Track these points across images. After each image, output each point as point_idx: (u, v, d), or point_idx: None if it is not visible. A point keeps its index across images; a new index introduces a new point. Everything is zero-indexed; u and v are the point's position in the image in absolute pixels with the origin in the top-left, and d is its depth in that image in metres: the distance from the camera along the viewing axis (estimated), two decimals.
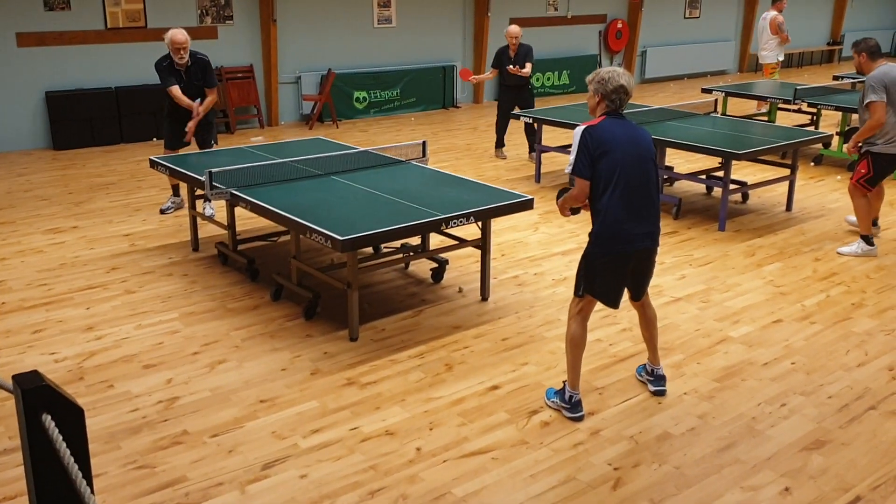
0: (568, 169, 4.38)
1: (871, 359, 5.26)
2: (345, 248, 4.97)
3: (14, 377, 2.33)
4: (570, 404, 4.53)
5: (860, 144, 7.02)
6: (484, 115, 14.34)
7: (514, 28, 10.21)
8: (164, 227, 7.88)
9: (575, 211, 4.57)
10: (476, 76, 11.29)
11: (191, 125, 7.90)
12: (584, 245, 4.45)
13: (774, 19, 13.07)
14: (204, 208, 7.82)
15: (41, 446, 2.24)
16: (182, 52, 7.68)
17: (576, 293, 4.50)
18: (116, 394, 4.77)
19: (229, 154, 7.43)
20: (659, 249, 4.61)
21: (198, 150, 8.04)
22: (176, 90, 7.77)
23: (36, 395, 2.22)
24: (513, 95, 10.39)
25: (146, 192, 9.03)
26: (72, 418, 2.24)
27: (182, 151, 7.91)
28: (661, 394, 4.78)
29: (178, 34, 7.68)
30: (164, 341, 5.46)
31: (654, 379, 4.83)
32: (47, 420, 2.20)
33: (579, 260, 4.51)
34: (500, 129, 10.64)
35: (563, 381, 4.63)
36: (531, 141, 10.41)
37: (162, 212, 8.24)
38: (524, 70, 10.10)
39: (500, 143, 10.77)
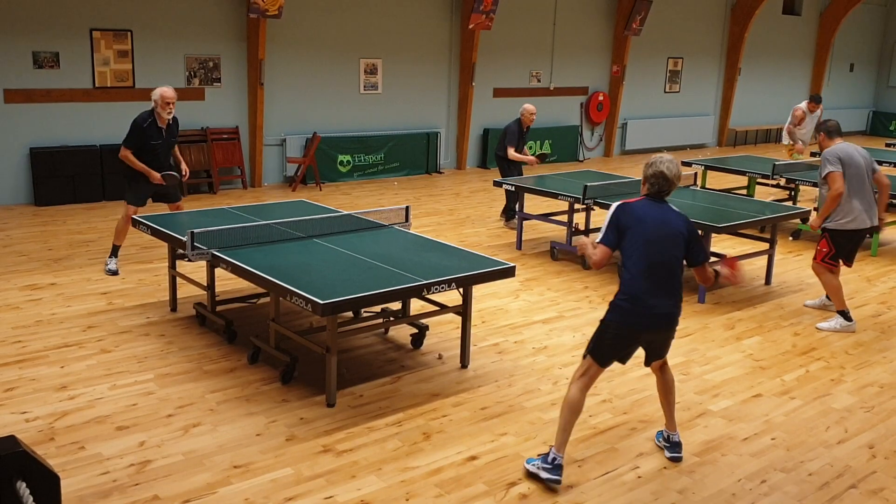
0: (599, 238, 4.57)
1: (851, 436, 5.25)
2: (325, 312, 4.95)
3: None
4: (551, 465, 4.50)
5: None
6: (467, 181, 14.47)
7: (532, 107, 10.77)
8: (142, 285, 7.82)
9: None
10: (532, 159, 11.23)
11: (185, 168, 8.44)
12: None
13: (795, 109, 13.22)
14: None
15: None
16: (171, 106, 7.88)
17: (584, 353, 4.63)
18: (87, 456, 4.67)
19: (211, 215, 7.42)
20: None
21: (168, 208, 8.28)
22: (130, 154, 7.88)
23: (11, 461, 2.17)
24: (517, 166, 10.76)
25: (126, 251, 8.96)
26: (47, 485, 2.18)
27: (148, 212, 7.83)
28: (677, 460, 4.82)
29: (169, 90, 7.91)
30: (139, 402, 5.38)
31: (669, 445, 4.88)
32: (21, 487, 2.14)
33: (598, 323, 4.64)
34: (512, 201, 10.71)
35: (550, 446, 4.60)
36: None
37: (113, 273, 8.14)
38: (531, 158, 10.77)
39: (510, 215, 10.84)
